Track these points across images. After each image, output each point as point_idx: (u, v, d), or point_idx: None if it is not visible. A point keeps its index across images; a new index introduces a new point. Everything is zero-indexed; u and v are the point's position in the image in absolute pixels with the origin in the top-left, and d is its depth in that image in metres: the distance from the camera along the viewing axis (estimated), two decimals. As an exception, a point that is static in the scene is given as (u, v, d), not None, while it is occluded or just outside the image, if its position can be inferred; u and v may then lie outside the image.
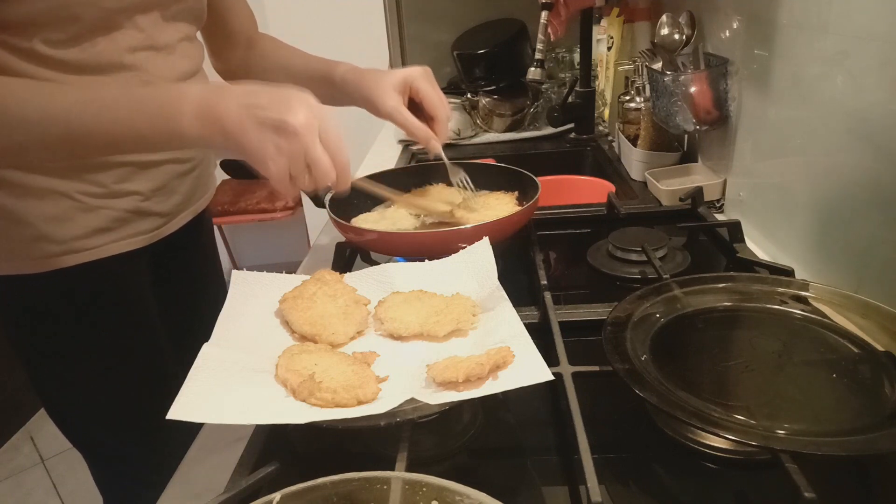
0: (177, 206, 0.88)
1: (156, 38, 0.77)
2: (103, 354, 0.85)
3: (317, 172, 0.63)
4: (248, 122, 0.61)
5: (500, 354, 0.52)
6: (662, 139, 1.20)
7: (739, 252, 0.83)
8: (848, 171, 0.72)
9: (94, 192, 0.77)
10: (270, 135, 0.61)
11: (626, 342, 0.59)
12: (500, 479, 0.57)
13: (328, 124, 0.63)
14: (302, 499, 0.40)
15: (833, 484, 0.50)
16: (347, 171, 0.65)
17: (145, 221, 0.83)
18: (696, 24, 1.05)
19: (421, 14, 1.84)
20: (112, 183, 0.78)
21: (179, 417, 0.48)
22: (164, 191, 0.84)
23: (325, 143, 0.62)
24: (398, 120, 0.84)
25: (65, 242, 0.77)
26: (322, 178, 0.63)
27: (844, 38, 0.70)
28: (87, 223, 0.78)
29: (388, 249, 0.83)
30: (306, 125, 0.61)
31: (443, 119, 0.86)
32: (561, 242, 1.00)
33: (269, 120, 0.60)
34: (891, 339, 0.58)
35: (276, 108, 0.61)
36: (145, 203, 0.82)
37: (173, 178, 0.85)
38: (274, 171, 0.62)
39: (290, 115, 0.60)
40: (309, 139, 0.61)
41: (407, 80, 0.85)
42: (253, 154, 0.62)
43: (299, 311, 0.64)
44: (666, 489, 0.54)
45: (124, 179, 0.79)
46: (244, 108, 0.61)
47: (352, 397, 0.52)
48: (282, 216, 2.81)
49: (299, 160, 0.62)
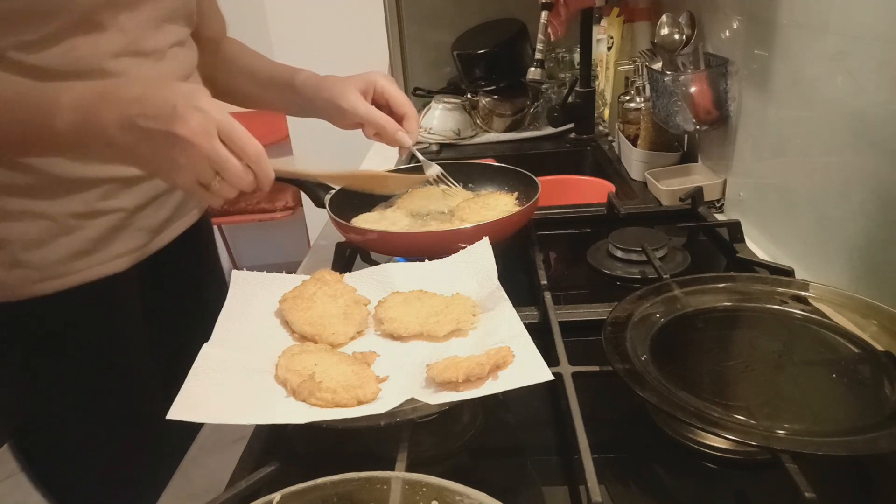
0: (165, 221, 0.82)
1: (142, 42, 0.71)
2: (84, 389, 0.77)
3: (229, 177, 0.59)
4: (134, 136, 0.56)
5: (500, 354, 0.52)
6: (662, 139, 1.20)
7: (739, 252, 0.83)
8: (848, 171, 0.72)
9: (77, 211, 0.71)
10: (162, 149, 0.56)
11: (626, 342, 0.58)
12: (500, 479, 0.56)
13: (226, 120, 0.58)
14: (302, 499, 0.40)
15: (833, 484, 0.50)
16: (264, 164, 0.61)
17: (131, 239, 0.77)
18: (696, 24, 1.05)
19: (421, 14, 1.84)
20: (96, 201, 0.72)
21: (179, 417, 0.48)
22: (152, 206, 0.79)
23: (229, 141, 0.58)
24: (364, 114, 0.81)
25: (44, 268, 0.70)
26: (237, 180, 0.59)
27: (844, 38, 0.70)
28: (69, 245, 0.71)
29: (388, 249, 0.83)
30: (200, 131, 0.56)
31: (413, 116, 0.84)
32: (561, 242, 1.00)
33: (157, 133, 0.56)
34: (891, 339, 0.58)
35: (163, 117, 0.56)
36: (130, 219, 0.76)
37: (161, 192, 0.80)
38: (181, 185, 0.58)
39: (177, 124, 0.56)
40: (207, 145, 0.56)
41: (370, 82, 0.83)
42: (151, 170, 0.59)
43: (299, 311, 0.64)
44: (666, 489, 0.54)
45: (109, 196, 0.73)
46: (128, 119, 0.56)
47: (352, 397, 0.52)
48: (282, 216, 2.81)
49: (204, 169, 0.58)
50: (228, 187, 0.60)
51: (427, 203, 0.93)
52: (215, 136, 0.57)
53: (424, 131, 1.58)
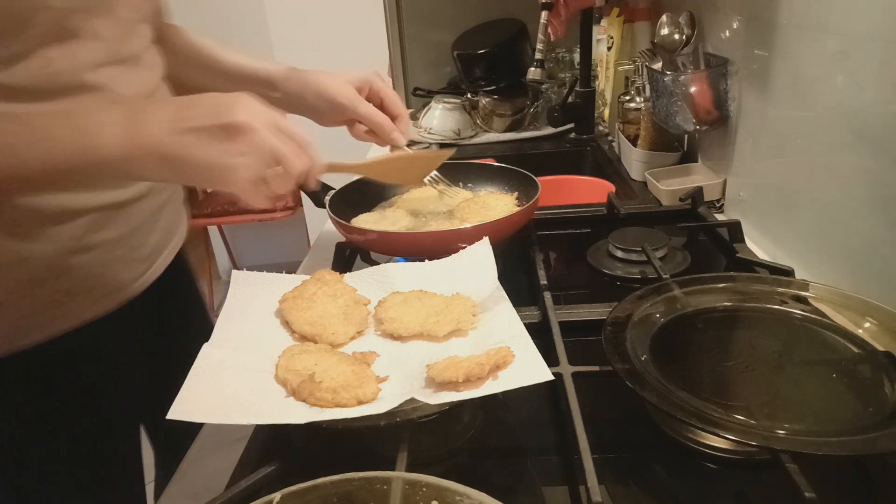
0: (156, 247, 0.76)
1: (120, 48, 0.65)
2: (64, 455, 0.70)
3: (288, 163, 0.56)
4: (188, 139, 0.53)
5: (500, 354, 0.52)
6: (662, 139, 1.20)
7: (739, 252, 0.83)
8: (848, 171, 0.72)
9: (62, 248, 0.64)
10: (219, 143, 0.53)
11: (626, 342, 0.58)
12: (500, 479, 0.56)
13: (271, 111, 0.56)
14: (302, 499, 0.40)
15: (833, 484, 0.50)
16: (315, 151, 0.59)
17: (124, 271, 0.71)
18: (696, 24, 1.05)
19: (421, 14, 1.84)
20: (84, 234, 0.65)
21: (179, 417, 0.48)
22: (143, 230, 0.73)
23: (277, 130, 0.56)
24: (364, 112, 0.78)
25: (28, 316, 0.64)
26: (295, 166, 0.57)
27: (844, 38, 0.70)
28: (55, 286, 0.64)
29: (388, 249, 0.83)
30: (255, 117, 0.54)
31: (406, 117, 0.83)
32: (561, 242, 1.00)
33: (211, 128, 0.53)
34: (891, 339, 0.58)
35: (213, 113, 0.54)
36: (121, 251, 0.70)
37: (151, 213, 0.74)
38: (243, 180, 0.54)
39: (231, 114, 0.53)
40: (265, 131, 0.54)
41: (366, 79, 0.80)
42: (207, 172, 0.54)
43: (299, 311, 0.64)
44: (666, 489, 0.54)
45: (100, 227, 0.66)
46: (175, 124, 0.53)
47: (352, 397, 0.52)
48: (282, 216, 2.81)
49: (265, 157, 0.55)
50: (286, 178, 0.57)
51: (427, 203, 0.93)
52: (268, 122, 0.55)
53: (424, 131, 1.58)
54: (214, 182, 0.56)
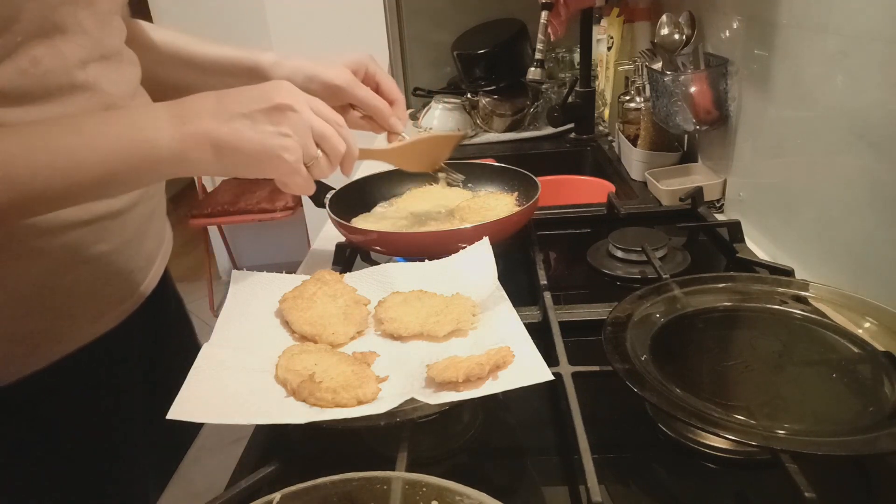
0: (150, 254, 0.73)
1: (104, 42, 0.61)
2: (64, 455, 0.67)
3: (331, 144, 0.57)
4: (237, 124, 0.53)
5: (500, 354, 0.52)
6: (662, 139, 1.20)
7: (739, 252, 0.83)
8: (848, 171, 0.72)
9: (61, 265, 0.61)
10: (267, 126, 0.54)
11: (626, 342, 0.58)
12: (500, 479, 0.56)
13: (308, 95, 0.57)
14: (302, 499, 0.40)
15: (833, 484, 0.50)
16: (348, 131, 0.59)
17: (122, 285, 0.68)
18: (696, 24, 1.05)
19: (421, 14, 1.84)
20: (83, 249, 0.62)
21: (179, 417, 0.48)
22: (136, 240, 0.69)
23: (319, 112, 0.57)
24: (362, 95, 0.76)
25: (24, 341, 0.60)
26: (336, 150, 0.57)
27: (844, 38, 0.70)
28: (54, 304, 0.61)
29: (388, 249, 0.83)
30: (297, 99, 0.55)
31: (402, 102, 0.81)
32: (561, 242, 1.00)
33: (259, 110, 0.54)
34: (891, 339, 0.58)
35: (257, 98, 0.54)
36: (119, 259, 0.66)
37: (143, 222, 0.71)
38: (291, 162, 0.54)
39: (275, 97, 0.54)
40: (307, 112, 0.55)
41: (361, 61, 0.78)
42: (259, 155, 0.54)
43: (299, 311, 0.64)
44: (666, 489, 0.54)
45: (99, 240, 0.63)
46: (222, 111, 0.54)
47: (352, 397, 0.52)
48: (282, 216, 2.82)
49: (310, 140, 0.55)
50: (327, 163, 0.58)
51: (427, 203, 0.93)
52: (309, 104, 0.56)
53: (424, 131, 1.58)
54: (263, 167, 0.55)
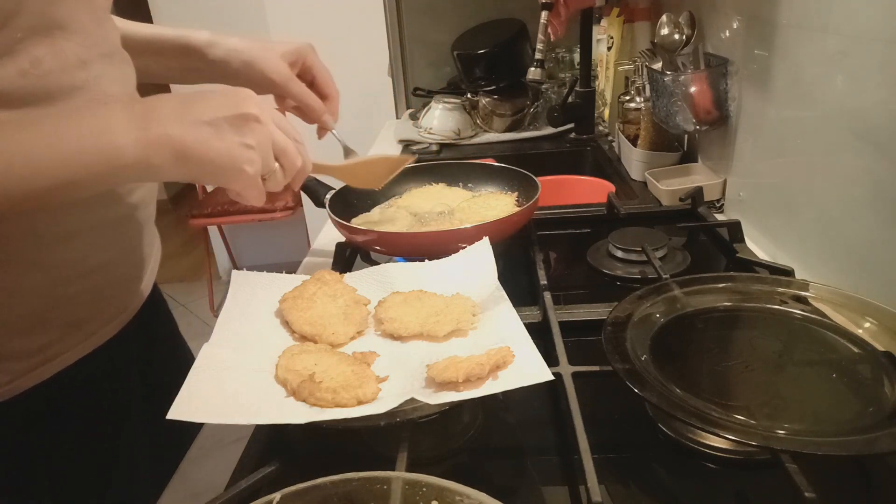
0: (146, 259, 0.72)
1: (102, 40, 0.60)
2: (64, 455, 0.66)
3: (287, 161, 0.56)
4: (203, 132, 0.51)
5: (500, 354, 0.52)
6: (662, 139, 1.20)
7: (739, 252, 0.83)
8: (848, 171, 0.72)
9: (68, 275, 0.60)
10: (233, 135, 0.52)
11: (626, 342, 0.58)
12: (500, 479, 0.56)
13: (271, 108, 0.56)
14: (302, 499, 0.40)
15: (833, 484, 0.50)
16: (307, 151, 0.59)
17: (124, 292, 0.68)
18: (696, 24, 1.05)
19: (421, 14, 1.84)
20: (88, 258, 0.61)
21: (179, 417, 0.48)
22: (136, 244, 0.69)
23: (280, 126, 0.56)
24: (296, 91, 0.74)
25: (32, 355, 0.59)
26: (293, 165, 0.57)
27: (844, 38, 0.70)
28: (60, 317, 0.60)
29: (388, 249, 0.83)
30: (263, 111, 0.54)
31: (337, 98, 0.79)
32: (561, 242, 1.00)
33: (224, 118, 0.52)
34: (891, 339, 0.58)
35: (224, 105, 0.53)
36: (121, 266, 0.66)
37: (142, 226, 0.70)
38: (251, 175, 0.53)
39: (243, 106, 0.53)
40: (271, 125, 0.54)
41: (300, 52, 0.75)
42: (223, 165, 0.53)
43: (299, 311, 0.64)
44: (666, 489, 0.54)
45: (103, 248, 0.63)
46: (185, 116, 0.51)
47: (352, 397, 0.52)
48: (282, 216, 2.82)
49: (270, 153, 0.55)
50: (282, 177, 0.57)
51: (427, 203, 0.93)
52: (272, 117, 0.55)
53: (424, 131, 1.58)
54: (224, 176, 0.54)
